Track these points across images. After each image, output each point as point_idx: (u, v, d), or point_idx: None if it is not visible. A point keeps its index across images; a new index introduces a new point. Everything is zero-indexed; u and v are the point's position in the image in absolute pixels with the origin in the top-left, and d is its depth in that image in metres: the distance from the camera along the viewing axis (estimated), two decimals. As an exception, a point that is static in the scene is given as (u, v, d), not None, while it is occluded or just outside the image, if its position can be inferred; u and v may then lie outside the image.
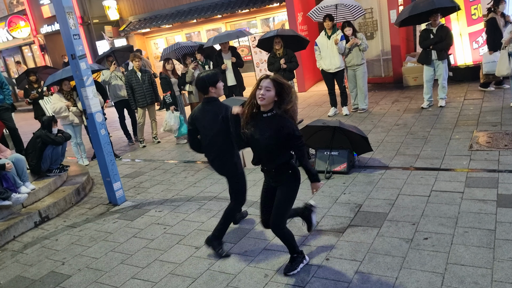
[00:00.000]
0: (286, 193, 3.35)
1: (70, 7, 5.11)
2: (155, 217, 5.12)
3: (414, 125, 6.92)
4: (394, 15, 9.71)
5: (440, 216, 4.01)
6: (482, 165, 5.02)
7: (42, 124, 6.30)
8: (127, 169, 7.38)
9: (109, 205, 5.78)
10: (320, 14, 8.30)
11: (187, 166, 6.99)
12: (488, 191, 4.36)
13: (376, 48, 10.60)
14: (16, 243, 5.00)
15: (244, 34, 9.18)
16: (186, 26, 13.99)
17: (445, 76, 7.58)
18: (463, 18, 8.93)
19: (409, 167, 5.34)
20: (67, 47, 5.21)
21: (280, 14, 12.34)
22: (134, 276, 3.86)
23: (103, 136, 5.54)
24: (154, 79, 8.62)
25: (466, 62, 9.25)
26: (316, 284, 3.32)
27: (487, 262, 3.25)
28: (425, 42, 7.50)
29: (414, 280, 3.18)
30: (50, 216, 5.56)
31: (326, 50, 7.97)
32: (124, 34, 14.85)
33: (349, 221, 4.22)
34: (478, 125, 6.40)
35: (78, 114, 7.44)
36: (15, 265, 4.46)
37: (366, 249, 3.68)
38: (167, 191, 5.97)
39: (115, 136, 9.97)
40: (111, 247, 4.52)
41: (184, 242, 4.37)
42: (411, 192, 4.63)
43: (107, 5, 15.00)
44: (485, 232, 3.64)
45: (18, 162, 5.56)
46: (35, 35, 17.90)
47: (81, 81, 5.31)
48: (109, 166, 5.60)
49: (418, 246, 3.60)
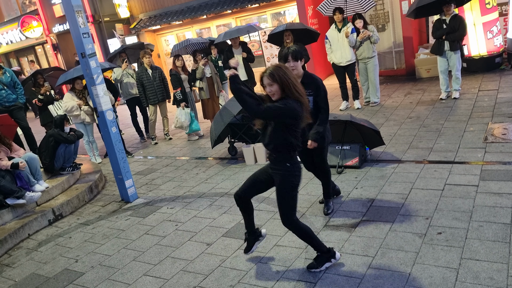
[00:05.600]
0: (280, 188, 3.26)
1: (79, 6, 5.13)
2: (167, 214, 5.13)
3: (427, 118, 6.81)
4: (406, 6, 9.56)
5: (454, 210, 3.94)
6: (498, 157, 4.92)
7: (54, 123, 6.36)
8: (139, 166, 7.42)
9: (121, 202, 5.82)
10: (330, 8, 8.20)
11: (198, 162, 7.00)
12: (503, 184, 4.26)
13: (388, 40, 10.45)
14: (31, 241, 5.07)
15: (254, 29, 9.13)
16: (196, 22, 13.99)
17: (458, 67, 7.43)
18: (477, 8, 8.73)
19: (422, 160, 5.26)
20: (77, 45, 5.24)
21: (290, 8, 12.24)
22: (146, 273, 3.88)
23: (114, 134, 5.57)
24: (165, 76, 8.63)
25: (480, 53, 9.06)
26: (328, 280, 3.29)
27: (502, 257, 3.18)
28: (438, 32, 7.36)
29: (427, 275, 3.13)
30: (63, 214, 5.63)
31: (337, 43, 7.88)
32: (135, 32, 14.91)
33: (361, 216, 4.17)
34: (493, 117, 6.26)
35: (90, 112, 7.49)
36: (29, 262, 4.52)
37: (379, 244, 3.64)
38: (179, 187, 5.98)
39: (128, 134, 10.04)
40: (124, 244, 4.55)
41: (196, 238, 4.37)
42: (424, 186, 4.56)
43: (118, 3, 15.07)
44: (501, 226, 3.57)
45: (32, 161, 5.63)
46: (47, 34, 18.08)
47: (91, 80, 5.34)
48: (121, 164, 5.64)
49: (431, 241, 3.54)
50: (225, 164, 6.63)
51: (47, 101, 8.21)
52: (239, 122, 6.57)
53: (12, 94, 7.38)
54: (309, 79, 4.03)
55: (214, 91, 8.54)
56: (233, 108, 6.39)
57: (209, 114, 8.68)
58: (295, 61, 3.95)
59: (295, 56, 3.93)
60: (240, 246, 4.03)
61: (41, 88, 8.21)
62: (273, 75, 3.10)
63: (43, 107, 8.27)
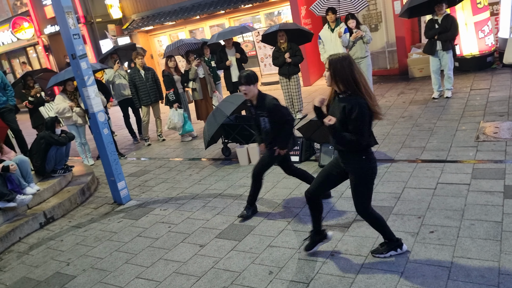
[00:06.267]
0: (356, 180, 3.22)
1: (69, 7, 5.09)
2: (159, 216, 5.11)
3: (420, 117, 6.83)
4: (399, 6, 9.59)
5: (446, 209, 3.95)
6: (489, 156, 4.94)
7: (45, 125, 6.31)
8: (132, 168, 7.38)
9: (114, 204, 5.78)
10: (323, 8, 8.20)
11: (192, 163, 6.98)
12: (495, 182, 4.28)
13: (380, 40, 10.48)
14: (22, 244, 5.02)
15: (248, 29, 9.11)
16: (190, 23, 13.95)
17: (450, 67, 7.47)
18: (469, 7, 8.77)
19: (415, 159, 5.28)
20: (67, 47, 5.20)
21: (283, 8, 12.24)
22: (138, 276, 3.86)
23: (106, 136, 5.53)
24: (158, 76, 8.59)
25: (472, 52, 9.11)
26: (321, 281, 3.29)
27: (494, 255, 3.19)
28: (430, 32, 7.39)
29: (420, 274, 3.13)
30: (55, 216, 5.58)
31: (330, 43, 7.89)
32: (128, 33, 14.84)
33: (355, 216, 4.17)
34: (485, 116, 6.30)
35: (82, 114, 7.43)
36: (20, 266, 4.48)
37: (372, 244, 3.64)
38: (172, 189, 5.95)
39: (120, 135, 9.99)
40: (116, 246, 4.52)
41: (189, 240, 4.35)
42: (417, 185, 4.57)
43: (110, 4, 14.99)
44: (492, 224, 3.58)
45: (23, 164, 5.58)
46: (39, 35, 17.95)
47: (82, 81, 5.31)
48: (113, 166, 5.60)
49: (424, 240, 3.55)
50: (218, 165, 6.61)
51: (37, 103, 8.15)
52: (232, 122, 6.56)
53: (3, 96, 7.32)
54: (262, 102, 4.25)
55: (207, 92, 8.51)
56: (226, 108, 6.37)
57: (202, 115, 8.65)
58: (247, 85, 4.15)
59: (247, 80, 4.14)
60: (234, 247, 4.02)
61: (31, 90, 8.14)
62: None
63: (33, 109, 8.21)
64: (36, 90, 8.15)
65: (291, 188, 5.13)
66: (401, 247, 3.42)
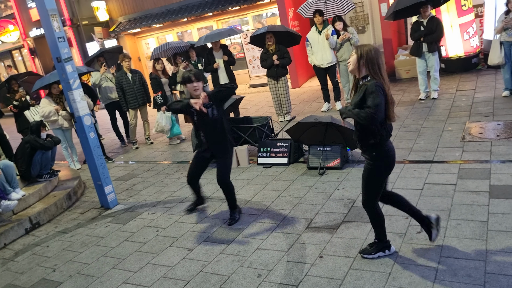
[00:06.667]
0: (366, 174, 3.31)
1: (54, 10, 5.03)
2: (147, 220, 5.06)
3: (407, 118, 6.89)
4: (385, 8, 9.66)
5: (433, 209, 3.98)
6: (475, 156, 5.00)
7: (30, 129, 6.22)
8: (119, 172, 7.32)
9: (101, 209, 5.71)
10: (310, 10, 8.24)
11: (180, 166, 6.94)
12: (480, 182, 4.33)
13: (367, 42, 10.53)
14: (7, 250, 4.94)
15: (235, 32, 9.10)
16: (177, 25, 13.91)
17: (436, 68, 7.55)
18: (453, 9, 8.88)
19: (403, 160, 5.31)
20: (52, 50, 5.14)
21: (272, 10, 12.27)
22: (126, 281, 3.81)
23: (92, 139, 5.47)
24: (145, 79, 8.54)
25: (457, 54, 9.22)
26: (309, 283, 3.28)
27: (480, 254, 3.22)
28: (416, 34, 7.47)
29: (407, 274, 3.14)
30: (41, 222, 5.50)
31: (317, 45, 7.92)
32: (115, 35, 14.75)
33: (343, 217, 4.18)
34: (471, 116, 6.37)
35: (68, 117, 7.34)
36: (6, 273, 4.40)
37: (360, 245, 3.64)
38: (160, 192, 5.91)
39: (108, 139, 9.90)
40: (103, 252, 4.46)
41: (177, 244, 4.32)
42: (404, 185, 4.60)
43: (96, 6, 14.88)
44: (478, 224, 3.61)
45: (7, 169, 5.49)
46: (24, 38, 17.75)
47: (67, 84, 5.24)
48: (100, 170, 5.54)
49: (411, 240, 3.57)
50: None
51: (22, 107, 8.04)
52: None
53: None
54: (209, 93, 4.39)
55: (195, 95, 8.46)
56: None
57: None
58: (199, 82, 4.35)
59: (198, 77, 4.38)
60: (222, 250, 4.00)
61: (16, 94, 8.02)
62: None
63: (18, 113, 8.10)
64: (21, 94, 8.04)
65: (279, 191, 5.13)
66: (389, 248, 3.44)
